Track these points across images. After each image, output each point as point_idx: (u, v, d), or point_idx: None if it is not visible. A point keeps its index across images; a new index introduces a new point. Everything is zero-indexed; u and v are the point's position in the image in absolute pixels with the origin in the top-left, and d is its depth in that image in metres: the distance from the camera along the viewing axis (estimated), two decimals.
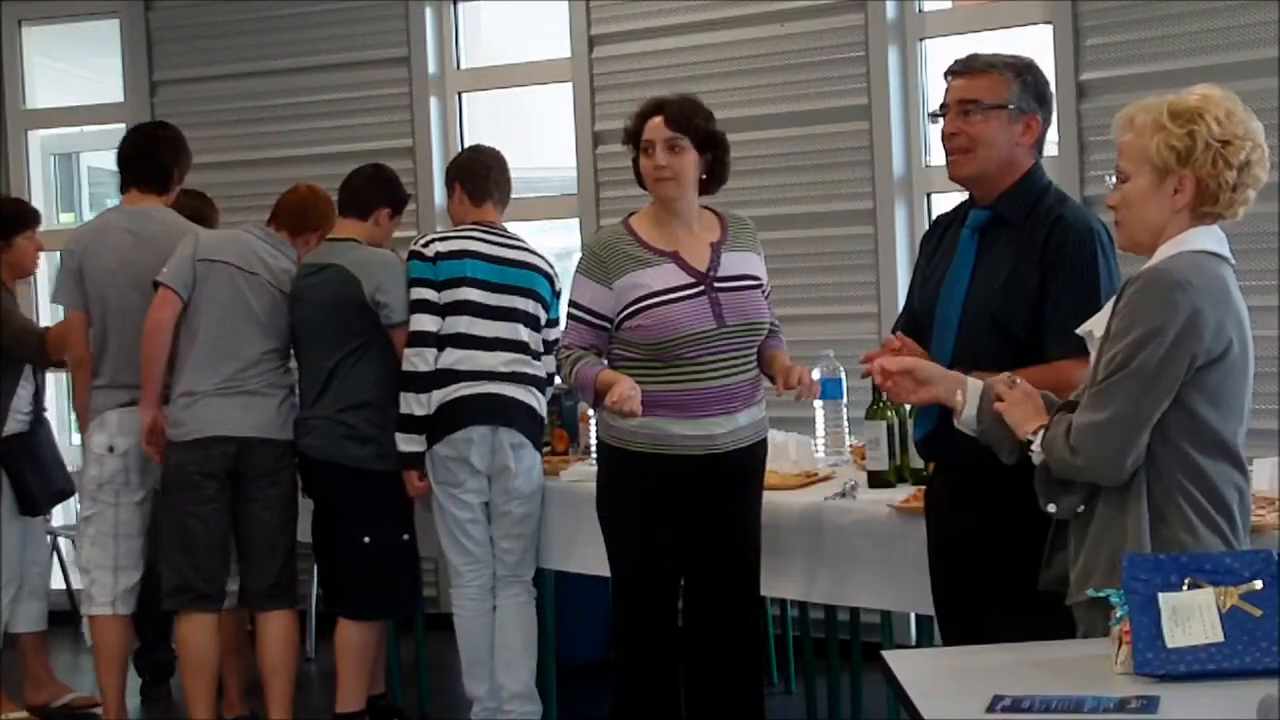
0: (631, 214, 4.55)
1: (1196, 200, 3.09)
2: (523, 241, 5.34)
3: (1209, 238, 3.10)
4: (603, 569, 4.71)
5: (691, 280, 4.39)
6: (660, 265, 4.39)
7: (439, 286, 5.15)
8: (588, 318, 4.43)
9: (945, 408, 3.39)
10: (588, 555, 5.02)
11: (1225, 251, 3.11)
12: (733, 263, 4.46)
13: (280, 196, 5.51)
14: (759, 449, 4.53)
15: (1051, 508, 3.17)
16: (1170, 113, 3.09)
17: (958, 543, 3.71)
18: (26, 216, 6.12)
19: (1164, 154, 3.08)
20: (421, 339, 5.13)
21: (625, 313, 4.37)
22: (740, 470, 4.48)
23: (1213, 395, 3.03)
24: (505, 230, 5.34)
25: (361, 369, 5.23)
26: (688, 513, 4.43)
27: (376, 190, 5.44)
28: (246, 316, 5.24)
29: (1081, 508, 3.14)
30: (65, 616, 6.92)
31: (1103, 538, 3.08)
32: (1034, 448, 3.16)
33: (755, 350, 4.48)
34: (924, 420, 3.78)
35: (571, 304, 4.51)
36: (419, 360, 5.12)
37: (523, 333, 5.19)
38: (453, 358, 5.13)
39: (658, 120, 4.44)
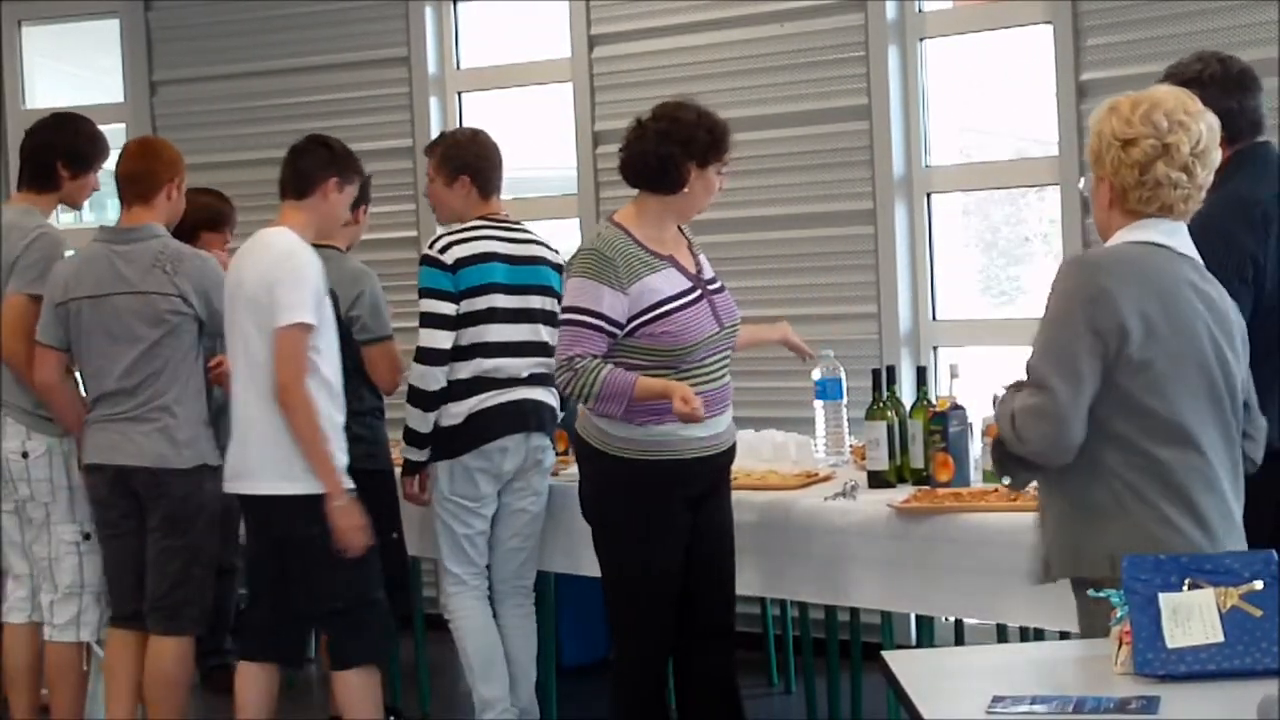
0: (614, 214, 4.45)
1: (1118, 199, 3.17)
2: (531, 233, 5.18)
3: (1148, 230, 3.16)
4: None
5: (690, 284, 4.36)
6: (664, 270, 4.34)
7: (458, 297, 4.96)
8: (604, 325, 4.25)
9: None
10: (591, 557, 5.00)
11: (1170, 241, 3.16)
12: (706, 266, 4.47)
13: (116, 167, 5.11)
14: (735, 443, 4.55)
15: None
16: (1096, 115, 3.21)
17: None
18: None
19: (1090, 156, 3.21)
20: (434, 357, 4.96)
21: (643, 319, 4.27)
22: (726, 465, 4.50)
23: (1154, 380, 3.08)
24: (515, 223, 5.16)
25: (353, 383, 5.19)
26: (689, 511, 4.42)
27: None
28: (117, 345, 4.92)
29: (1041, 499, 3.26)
30: None
31: (1060, 527, 3.19)
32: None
33: (732, 348, 4.49)
34: None
35: (582, 310, 4.26)
36: (430, 380, 4.96)
37: (543, 333, 5.02)
38: (483, 366, 4.99)
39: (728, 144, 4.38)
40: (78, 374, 5.15)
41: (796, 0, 6.37)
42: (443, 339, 4.96)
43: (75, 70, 8.45)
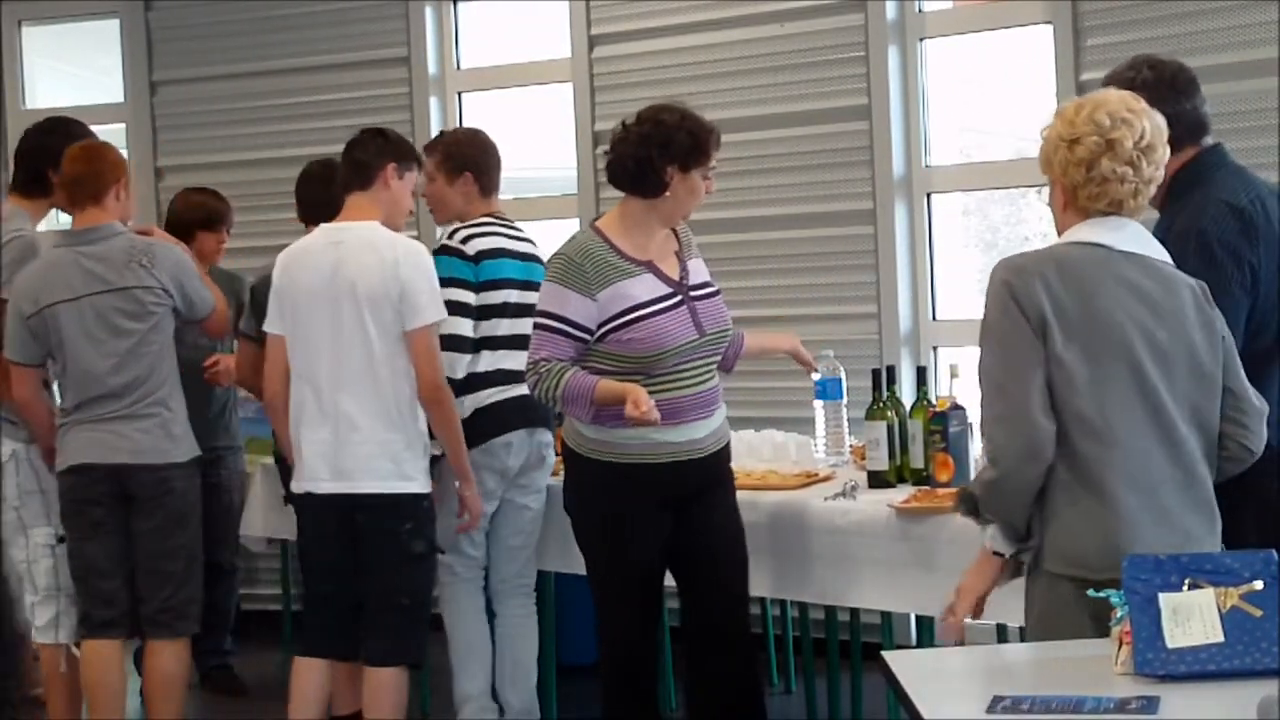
0: (596, 220, 4.45)
1: (1070, 199, 3.22)
2: (525, 232, 5.23)
3: (1090, 229, 3.20)
4: None
5: (670, 290, 4.31)
6: (640, 275, 4.30)
7: (478, 288, 4.99)
8: (570, 329, 4.24)
9: None
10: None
11: (1109, 239, 3.19)
12: (697, 271, 4.42)
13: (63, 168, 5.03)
14: (729, 446, 4.52)
15: (1026, 557, 3.27)
16: (1045, 122, 3.26)
17: None
18: None
19: (1041, 162, 3.26)
20: (459, 344, 4.96)
21: (612, 324, 4.25)
22: (720, 468, 4.47)
23: (1071, 379, 3.11)
24: (514, 222, 5.20)
25: None
26: (675, 517, 4.40)
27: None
28: (98, 347, 4.90)
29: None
30: None
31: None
32: (984, 523, 3.30)
33: (722, 354, 4.47)
34: None
35: (548, 315, 4.26)
36: (457, 366, 4.95)
37: None
38: (491, 359, 5.02)
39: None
40: (56, 381, 5.10)
41: (796, 0, 6.38)
42: (466, 327, 4.98)
43: (75, 70, 8.45)
